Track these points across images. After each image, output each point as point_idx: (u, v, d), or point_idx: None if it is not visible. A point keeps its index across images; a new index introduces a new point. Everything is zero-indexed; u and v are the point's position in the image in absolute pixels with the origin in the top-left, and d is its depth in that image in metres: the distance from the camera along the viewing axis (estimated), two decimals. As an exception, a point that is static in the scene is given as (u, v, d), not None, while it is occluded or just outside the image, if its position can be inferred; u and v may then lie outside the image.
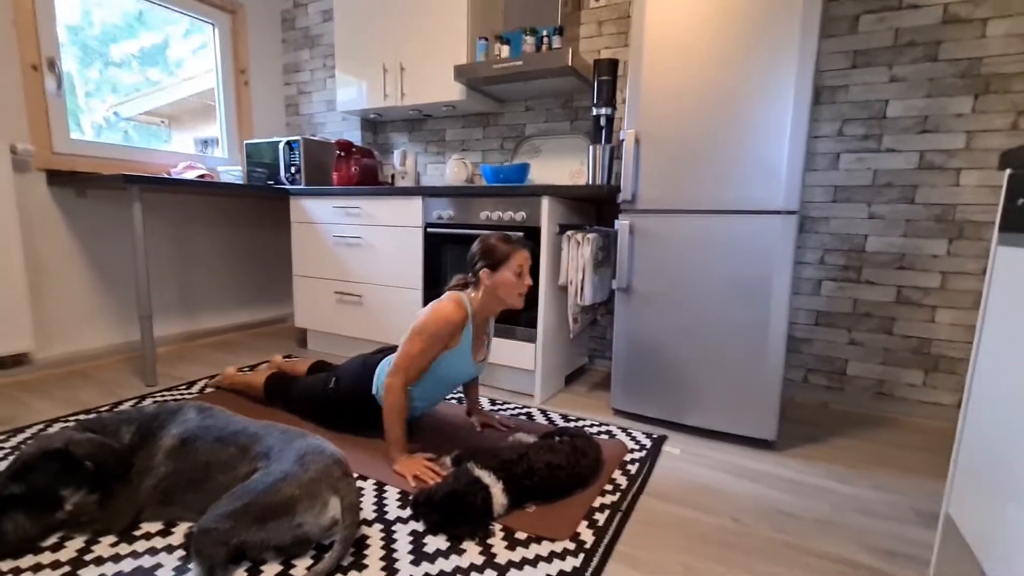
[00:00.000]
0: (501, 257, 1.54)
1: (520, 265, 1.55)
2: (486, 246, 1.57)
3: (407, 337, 1.53)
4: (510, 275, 1.54)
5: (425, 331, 1.50)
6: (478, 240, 1.60)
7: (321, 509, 1.10)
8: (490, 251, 1.55)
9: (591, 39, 2.49)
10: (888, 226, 2.01)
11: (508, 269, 1.54)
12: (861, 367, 2.11)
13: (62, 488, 1.16)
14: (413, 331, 1.51)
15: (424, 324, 1.50)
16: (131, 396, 2.06)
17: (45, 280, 2.32)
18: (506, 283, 1.54)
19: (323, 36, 3.20)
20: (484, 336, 1.69)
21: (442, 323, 1.49)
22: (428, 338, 1.50)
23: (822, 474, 1.58)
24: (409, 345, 1.51)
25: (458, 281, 1.66)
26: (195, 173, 2.64)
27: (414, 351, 1.50)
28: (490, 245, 1.56)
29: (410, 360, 1.50)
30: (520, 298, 1.58)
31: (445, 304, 1.51)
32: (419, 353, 1.50)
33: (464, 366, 1.61)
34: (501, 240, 1.57)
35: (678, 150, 1.76)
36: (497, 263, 1.54)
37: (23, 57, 2.19)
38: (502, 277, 1.54)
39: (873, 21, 1.95)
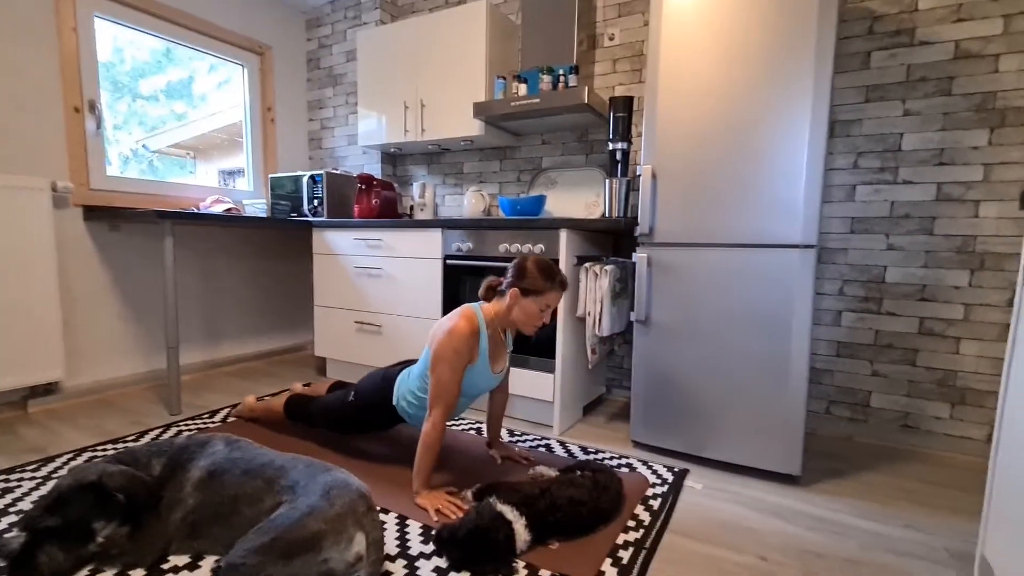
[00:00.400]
0: (535, 288, 1.54)
1: (548, 304, 1.56)
2: (527, 269, 1.55)
3: (430, 365, 1.55)
4: (535, 308, 1.55)
5: (445, 355, 1.51)
6: (526, 257, 1.59)
7: (347, 544, 1.11)
8: (526, 276, 1.54)
9: (606, 76, 2.56)
10: (908, 257, 2.00)
11: (535, 302, 1.55)
12: (885, 399, 2.08)
13: (95, 520, 1.18)
14: (435, 358, 1.53)
15: (442, 348, 1.51)
16: (156, 425, 2.10)
17: (77, 311, 2.40)
18: (528, 312, 1.55)
19: (346, 75, 3.33)
20: (501, 346, 1.69)
21: (458, 340, 1.51)
22: (451, 359, 1.51)
23: (850, 511, 1.55)
24: (437, 374, 1.52)
25: (491, 283, 1.66)
26: (222, 207, 2.73)
27: (444, 378, 1.51)
28: (531, 272, 1.54)
29: (444, 388, 1.51)
30: (533, 330, 1.60)
31: (456, 322, 1.53)
32: (450, 379, 1.51)
33: (484, 378, 1.62)
34: (542, 269, 1.55)
35: (695, 184, 1.79)
36: (529, 291, 1.54)
37: (66, 100, 2.32)
38: (527, 305, 1.55)
39: (885, 57, 1.99)
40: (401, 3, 3.20)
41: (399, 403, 1.68)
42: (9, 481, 1.58)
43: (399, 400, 1.68)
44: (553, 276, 1.55)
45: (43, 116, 2.25)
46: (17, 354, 2.08)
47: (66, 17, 2.29)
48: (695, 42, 1.75)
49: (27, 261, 2.09)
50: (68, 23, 2.30)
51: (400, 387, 1.69)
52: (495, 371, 1.65)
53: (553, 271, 1.56)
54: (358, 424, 1.80)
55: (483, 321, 1.58)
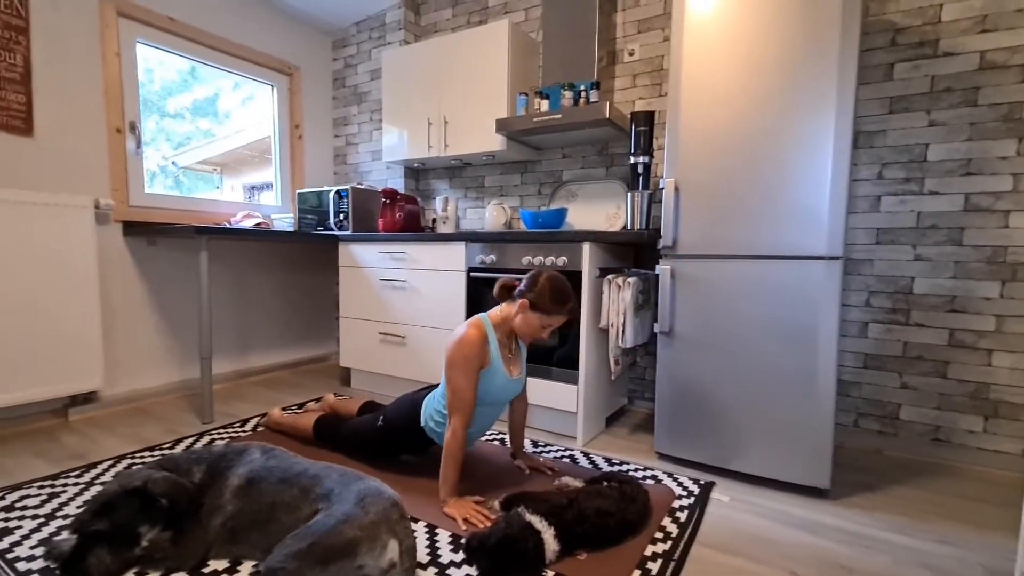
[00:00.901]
0: (544, 307, 1.57)
1: (550, 324, 1.60)
2: (540, 285, 1.58)
3: (445, 376, 1.58)
4: (538, 323, 1.59)
5: (456, 362, 1.55)
6: (542, 272, 1.62)
7: (381, 551, 1.14)
8: (541, 294, 1.57)
9: (626, 91, 2.60)
10: (936, 268, 1.98)
11: (540, 319, 1.58)
12: (915, 412, 2.05)
13: (140, 525, 1.23)
14: (448, 365, 1.57)
15: (452, 356, 1.56)
16: (190, 433, 2.17)
17: (116, 322, 2.49)
18: (530, 325, 1.60)
19: (371, 93, 3.42)
20: (513, 349, 1.72)
21: (467, 347, 1.54)
22: (463, 364, 1.54)
23: (881, 525, 1.53)
24: (451, 382, 1.56)
25: (505, 282, 1.69)
26: (252, 221, 2.82)
27: (458, 384, 1.55)
28: (543, 290, 1.57)
29: (459, 395, 1.55)
30: (530, 340, 1.66)
31: (466, 331, 1.57)
32: (464, 385, 1.54)
33: (503, 383, 1.64)
34: (555, 291, 1.57)
35: (718, 197, 1.80)
36: (537, 307, 1.58)
37: (109, 121, 2.43)
38: (531, 318, 1.59)
39: (908, 69, 1.99)
40: (424, 23, 3.29)
41: (427, 424, 1.71)
42: (55, 487, 1.65)
43: (427, 421, 1.71)
44: (564, 302, 1.58)
45: (87, 136, 2.36)
46: (60, 364, 2.17)
47: (110, 43, 2.41)
48: (716, 56, 1.78)
49: (71, 275, 2.19)
50: (112, 48, 2.42)
51: (427, 408, 1.73)
52: (513, 375, 1.68)
53: (565, 297, 1.58)
54: (387, 447, 1.84)
55: (491, 327, 1.63)
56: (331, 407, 2.24)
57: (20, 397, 2.06)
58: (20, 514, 1.47)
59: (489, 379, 1.61)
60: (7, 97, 2.11)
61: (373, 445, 1.85)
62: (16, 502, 1.54)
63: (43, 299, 2.11)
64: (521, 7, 2.90)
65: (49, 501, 1.55)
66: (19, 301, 2.05)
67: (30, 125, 2.18)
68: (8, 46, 2.11)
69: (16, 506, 1.52)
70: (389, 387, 2.76)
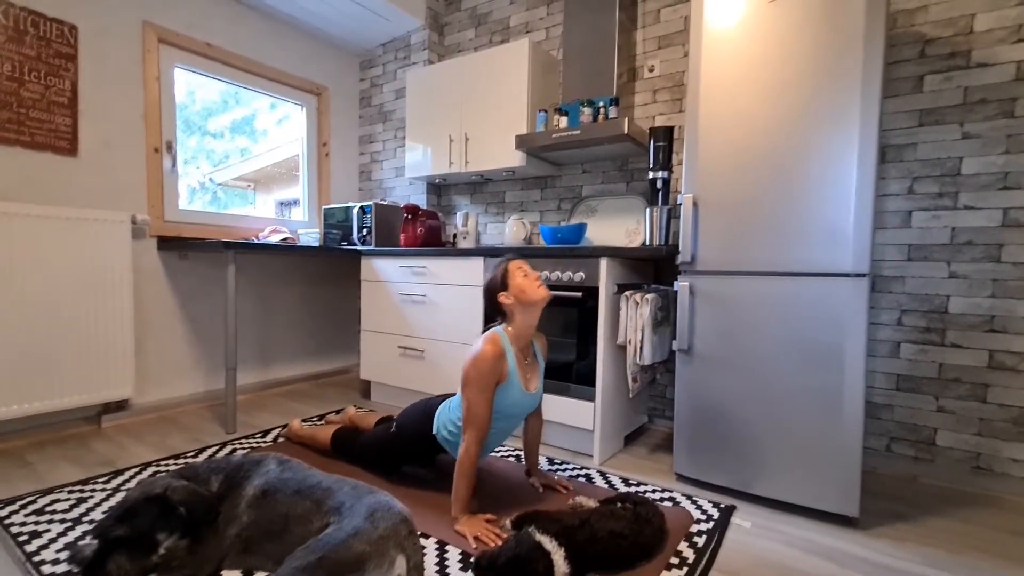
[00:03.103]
0: (501, 276, 1.63)
1: (518, 267, 1.65)
2: (487, 283, 1.68)
3: (461, 390, 1.58)
4: (518, 280, 1.62)
5: (471, 378, 1.55)
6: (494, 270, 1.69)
7: (388, 567, 1.13)
8: (491, 281, 1.66)
9: (646, 107, 2.59)
10: (973, 286, 1.89)
11: (512, 278, 1.62)
12: (953, 437, 1.94)
13: (159, 532, 1.25)
14: (463, 382, 1.57)
15: (468, 372, 1.55)
16: (213, 443, 2.22)
17: (148, 334, 2.59)
18: (521, 287, 1.61)
19: (395, 111, 3.51)
20: (532, 364, 1.71)
21: (483, 362, 1.54)
22: (478, 380, 1.54)
23: (916, 559, 1.44)
24: (466, 398, 1.56)
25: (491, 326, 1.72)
26: (279, 236, 2.90)
27: (474, 399, 1.54)
28: (488, 279, 1.67)
29: (473, 411, 1.54)
30: (541, 288, 1.64)
31: (482, 347, 1.56)
32: (478, 401, 1.54)
33: (517, 396, 1.63)
34: (493, 269, 1.68)
35: (737, 212, 1.77)
36: (502, 283, 1.63)
37: (148, 141, 2.55)
38: (514, 286, 1.61)
39: (939, 80, 1.93)
40: (448, 44, 3.37)
41: (439, 432, 1.72)
42: (84, 492, 1.71)
43: (439, 429, 1.72)
44: (497, 264, 1.68)
45: (127, 156, 2.49)
46: (94, 372, 2.26)
47: (151, 67, 2.55)
48: (736, 70, 1.76)
49: (107, 288, 2.29)
50: (152, 73, 2.55)
51: (440, 417, 1.73)
52: (529, 390, 1.67)
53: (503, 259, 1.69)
54: (400, 456, 1.85)
55: (507, 340, 1.62)
56: (351, 420, 2.26)
57: (57, 404, 2.15)
58: (49, 518, 1.53)
59: (505, 393, 1.61)
60: (55, 120, 2.24)
61: (385, 455, 1.86)
62: (47, 506, 1.60)
63: (81, 310, 2.21)
64: (542, 26, 2.94)
65: (77, 506, 1.61)
66: (59, 312, 2.15)
67: (75, 146, 2.31)
68: (58, 72, 2.25)
69: (46, 510, 1.58)
70: (407, 400, 2.77)
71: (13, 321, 2.03)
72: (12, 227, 2.02)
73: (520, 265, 1.66)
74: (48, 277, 2.12)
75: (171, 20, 2.64)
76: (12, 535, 1.43)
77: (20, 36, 2.13)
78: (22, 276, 2.05)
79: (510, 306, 1.62)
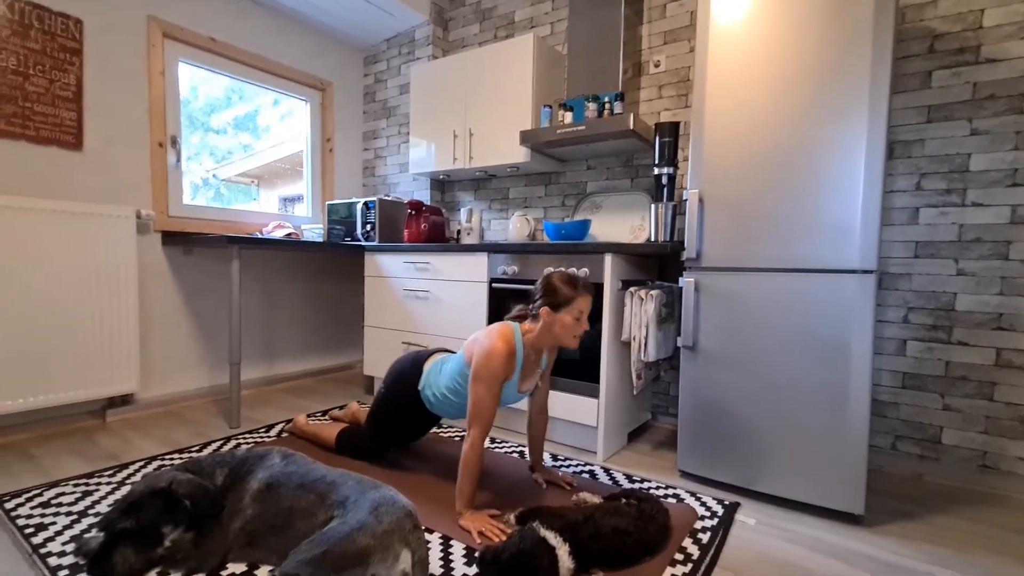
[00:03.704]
0: (563, 300, 1.55)
1: (581, 311, 1.56)
2: (550, 285, 1.58)
3: (469, 382, 1.58)
4: (569, 319, 1.56)
5: (482, 376, 1.54)
6: (544, 276, 1.62)
7: (393, 561, 1.13)
8: (553, 291, 1.57)
9: (651, 102, 2.58)
10: (981, 284, 1.88)
11: (569, 312, 1.55)
12: (959, 436, 1.93)
13: (164, 525, 1.26)
14: (473, 377, 1.56)
15: (479, 369, 1.55)
16: (217, 437, 2.22)
17: (153, 328, 2.59)
18: (564, 325, 1.56)
19: (399, 107, 3.50)
20: (535, 368, 1.70)
21: (496, 362, 1.54)
22: (488, 380, 1.54)
23: (922, 557, 1.44)
24: (474, 394, 1.55)
25: (518, 312, 1.71)
26: (283, 232, 2.90)
27: (482, 398, 1.54)
28: (554, 286, 1.57)
29: (481, 408, 1.55)
30: (576, 340, 1.59)
31: (494, 343, 1.55)
32: (486, 397, 1.54)
33: (509, 394, 1.66)
34: (566, 281, 1.57)
35: (744, 208, 1.76)
36: (558, 305, 1.56)
37: (152, 136, 2.56)
38: (561, 319, 1.56)
39: (947, 76, 1.91)
40: (452, 39, 3.36)
41: (425, 391, 1.77)
42: (89, 485, 1.71)
43: (426, 388, 1.77)
44: (576, 283, 1.57)
45: (131, 151, 2.49)
46: (100, 367, 2.26)
47: (156, 62, 2.55)
48: (742, 65, 1.75)
49: (112, 282, 2.29)
50: (157, 67, 2.55)
51: (430, 376, 1.77)
52: (521, 389, 1.69)
53: (575, 279, 1.58)
54: (389, 418, 1.87)
55: (520, 341, 1.61)
56: (353, 415, 2.26)
57: (62, 398, 2.16)
58: (55, 510, 1.53)
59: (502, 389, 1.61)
60: (60, 115, 2.25)
61: (377, 423, 1.89)
62: (52, 499, 1.61)
63: (86, 305, 2.22)
64: (547, 21, 2.92)
65: (83, 499, 1.61)
66: (63, 306, 2.15)
67: (80, 140, 2.31)
68: (63, 67, 2.25)
69: (52, 503, 1.58)
70: (411, 396, 2.78)
71: (18, 315, 2.04)
72: (17, 221, 2.03)
73: (586, 308, 1.58)
74: (53, 271, 2.12)
75: (175, 14, 2.63)
76: (19, 527, 1.43)
77: (25, 30, 2.13)
78: (27, 270, 2.06)
79: (546, 323, 1.58)
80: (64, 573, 1.24)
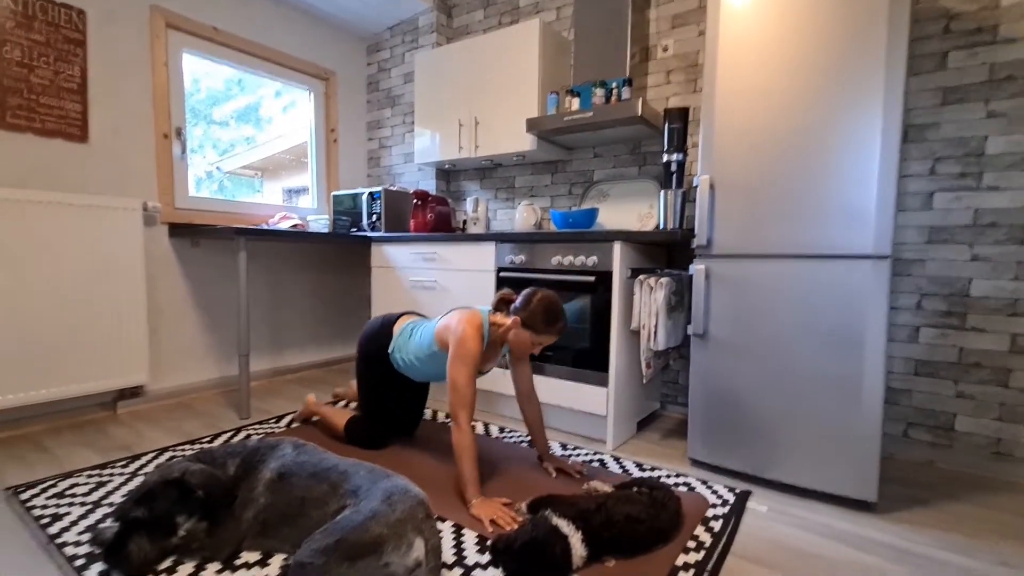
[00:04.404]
0: (535, 326, 1.64)
1: (543, 343, 1.68)
2: (533, 308, 1.64)
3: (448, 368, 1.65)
4: (528, 340, 1.67)
5: (460, 355, 1.63)
6: (535, 293, 1.67)
7: (407, 550, 1.13)
8: (532, 315, 1.64)
9: (659, 87, 2.54)
10: (996, 269, 1.85)
11: (532, 337, 1.65)
12: (972, 423, 1.91)
13: (178, 515, 1.26)
14: (450, 364, 1.64)
15: (455, 357, 1.63)
16: (228, 428, 2.23)
17: (161, 320, 2.60)
18: (522, 341, 1.68)
19: (403, 96, 3.47)
20: (496, 353, 1.82)
21: (470, 349, 1.63)
22: (466, 358, 1.62)
23: (935, 543, 1.43)
24: (453, 379, 1.62)
25: (504, 295, 1.77)
26: (289, 223, 2.90)
27: (461, 382, 1.61)
28: (535, 311, 1.64)
29: (462, 392, 1.61)
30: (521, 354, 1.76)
31: (466, 329, 1.65)
32: (466, 383, 1.62)
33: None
34: (546, 315, 1.63)
35: (755, 194, 1.74)
36: (528, 326, 1.64)
37: (157, 127, 2.55)
38: (523, 335, 1.66)
39: (964, 57, 1.87)
40: (456, 26, 3.32)
41: (394, 354, 1.92)
42: (102, 476, 1.73)
43: (395, 351, 1.91)
44: (554, 323, 1.64)
45: (136, 142, 2.48)
46: (110, 359, 2.27)
47: (159, 52, 2.53)
48: (753, 49, 1.72)
49: (120, 275, 2.29)
50: (161, 58, 2.53)
51: (399, 339, 1.91)
52: (482, 370, 1.81)
53: (556, 317, 1.64)
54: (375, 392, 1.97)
55: (487, 328, 1.71)
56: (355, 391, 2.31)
57: (73, 390, 2.18)
58: (70, 501, 1.55)
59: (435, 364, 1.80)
60: (65, 106, 2.24)
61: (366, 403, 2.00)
62: (67, 489, 1.62)
63: (95, 297, 2.22)
64: (553, 6, 2.88)
65: (97, 489, 1.63)
66: (73, 299, 2.16)
67: (85, 132, 2.30)
68: (67, 58, 2.23)
69: (67, 493, 1.60)
70: (419, 387, 2.78)
71: (29, 308, 2.04)
72: (25, 213, 2.03)
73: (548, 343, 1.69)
74: (62, 264, 2.12)
75: (178, 4, 2.61)
76: (34, 518, 1.45)
77: (29, 21, 2.12)
78: (37, 263, 2.06)
79: (509, 324, 1.67)
80: (80, 562, 1.25)
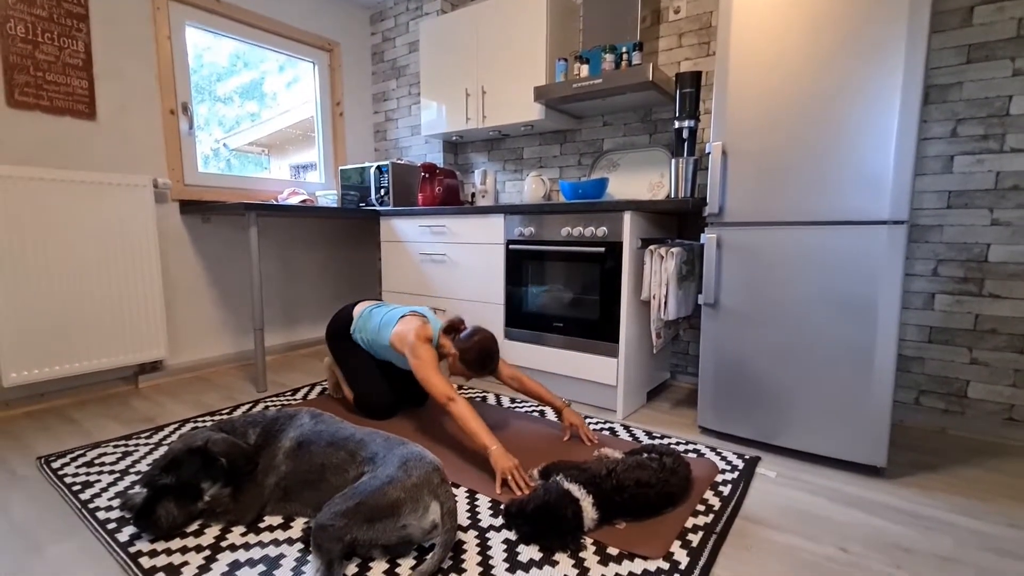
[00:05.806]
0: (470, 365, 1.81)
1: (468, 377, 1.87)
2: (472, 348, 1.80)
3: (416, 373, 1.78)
4: (461, 371, 1.83)
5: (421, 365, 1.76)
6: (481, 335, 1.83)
7: (423, 513, 1.17)
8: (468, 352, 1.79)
9: (671, 51, 2.47)
10: (1017, 234, 1.81)
11: (463, 370, 1.82)
12: (985, 389, 1.91)
13: (202, 481, 1.32)
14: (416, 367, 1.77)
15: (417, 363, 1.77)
16: (246, 400, 2.29)
17: (176, 296, 2.65)
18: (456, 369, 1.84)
19: (409, 66, 3.41)
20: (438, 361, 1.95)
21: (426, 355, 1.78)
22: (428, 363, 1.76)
23: (943, 507, 1.44)
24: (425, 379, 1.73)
25: (453, 322, 1.91)
26: (298, 198, 2.90)
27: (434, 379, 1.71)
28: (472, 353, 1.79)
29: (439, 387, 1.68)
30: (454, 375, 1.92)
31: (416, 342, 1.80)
32: (438, 378, 1.71)
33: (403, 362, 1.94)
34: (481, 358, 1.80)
35: (769, 160, 1.70)
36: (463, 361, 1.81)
37: (163, 103, 2.53)
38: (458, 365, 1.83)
39: (991, 12, 1.79)
40: (461, -9, 3.23)
41: (355, 334, 2.09)
42: (128, 446, 1.79)
43: (356, 332, 2.09)
44: (482, 368, 1.82)
45: (143, 118, 2.48)
46: (129, 335, 2.33)
47: (161, 26, 2.50)
48: (770, 9, 1.66)
49: (135, 252, 2.32)
50: (163, 32, 2.51)
51: (359, 320, 2.09)
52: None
53: (486, 364, 1.81)
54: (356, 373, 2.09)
55: (436, 340, 1.87)
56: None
57: (97, 364, 2.23)
58: (99, 469, 1.61)
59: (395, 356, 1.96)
60: (71, 83, 2.23)
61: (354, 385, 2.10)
62: (95, 459, 1.68)
63: (112, 274, 2.26)
64: (560, -31, 2.78)
65: (123, 459, 1.69)
66: (92, 277, 2.20)
67: (93, 109, 2.30)
68: (71, 34, 2.22)
69: (95, 462, 1.66)
70: (431, 359, 2.82)
71: (49, 285, 2.09)
72: (40, 191, 2.05)
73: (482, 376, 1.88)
74: (77, 241, 2.16)
75: (178, -25, 2.56)
76: (67, 485, 1.51)
77: (30, -4, 2.10)
78: (53, 240, 2.09)
79: (451, 353, 1.83)
80: (112, 526, 1.31)
